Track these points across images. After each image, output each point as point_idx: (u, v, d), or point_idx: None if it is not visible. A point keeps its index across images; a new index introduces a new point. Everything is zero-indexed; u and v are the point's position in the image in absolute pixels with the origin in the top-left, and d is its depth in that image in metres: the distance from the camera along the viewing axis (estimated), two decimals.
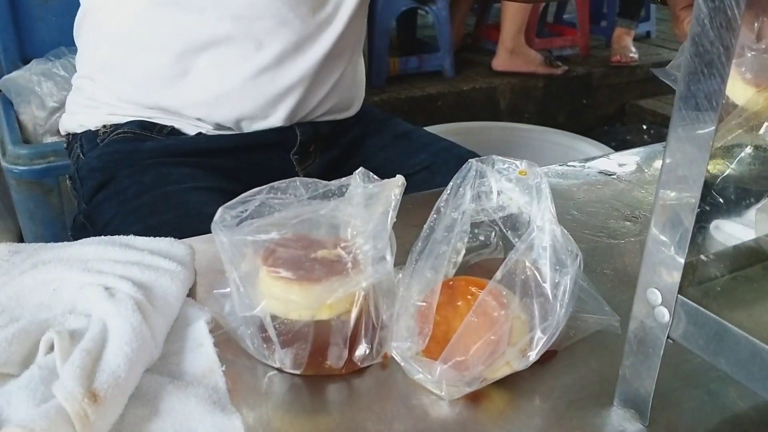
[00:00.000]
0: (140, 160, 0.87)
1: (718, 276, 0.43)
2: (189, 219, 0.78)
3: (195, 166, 0.87)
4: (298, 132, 0.93)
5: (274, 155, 0.93)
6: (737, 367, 0.39)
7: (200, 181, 0.85)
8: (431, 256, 0.50)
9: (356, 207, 0.51)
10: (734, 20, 0.34)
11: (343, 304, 0.49)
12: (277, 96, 0.89)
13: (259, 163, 0.92)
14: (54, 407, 0.40)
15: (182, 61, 0.86)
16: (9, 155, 1.46)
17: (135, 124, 0.90)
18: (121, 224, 0.81)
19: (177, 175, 0.85)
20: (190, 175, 0.86)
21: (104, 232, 0.82)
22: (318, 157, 0.97)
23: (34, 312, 0.50)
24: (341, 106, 0.98)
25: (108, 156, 0.88)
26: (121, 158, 0.87)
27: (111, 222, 0.83)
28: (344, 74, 0.95)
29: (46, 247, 0.57)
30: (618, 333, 0.54)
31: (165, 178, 0.84)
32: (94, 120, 0.92)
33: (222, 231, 0.49)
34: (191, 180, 0.85)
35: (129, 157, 0.87)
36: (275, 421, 0.46)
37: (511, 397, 0.49)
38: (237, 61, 0.87)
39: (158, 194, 0.83)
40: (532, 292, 0.48)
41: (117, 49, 0.90)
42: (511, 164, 0.53)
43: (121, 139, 0.89)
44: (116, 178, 0.86)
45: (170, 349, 0.50)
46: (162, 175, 0.85)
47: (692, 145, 0.38)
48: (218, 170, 0.89)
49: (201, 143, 0.90)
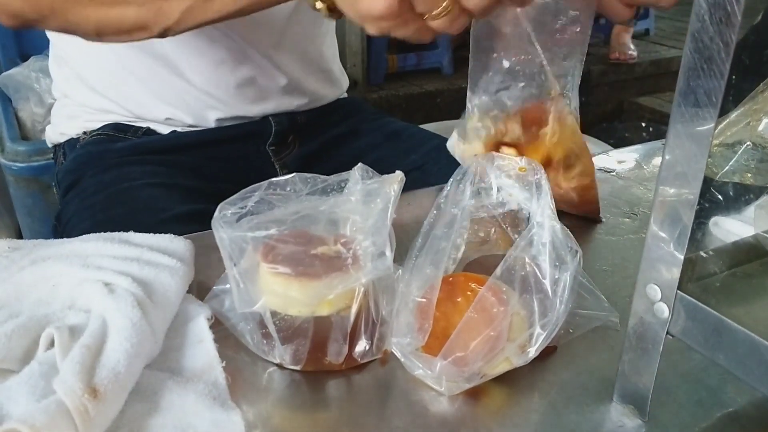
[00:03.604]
0: (108, 160, 0.88)
1: (717, 272, 0.43)
2: (135, 213, 0.79)
3: (159, 164, 0.88)
4: (273, 122, 0.94)
5: (250, 147, 0.94)
6: (736, 363, 0.39)
7: (158, 178, 0.86)
8: (431, 252, 0.50)
9: (355, 203, 0.51)
10: (734, 16, 0.34)
11: (342, 300, 0.50)
12: (241, 82, 0.90)
13: (234, 156, 0.92)
14: (54, 403, 0.40)
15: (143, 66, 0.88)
16: (7, 152, 1.46)
17: (110, 127, 0.92)
18: (77, 221, 0.83)
19: (137, 173, 0.86)
20: (151, 173, 0.87)
21: (65, 230, 0.84)
22: (297, 147, 0.97)
23: (33, 308, 0.50)
24: (315, 94, 0.98)
25: (80, 158, 0.90)
26: (90, 159, 0.89)
27: (70, 220, 0.84)
28: (307, 51, 0.95)
29: (45, 244, 0.57)
30: (617, 329, 0.54)
31: (124, 176, 0.86)
32: (74, 128, 0.94)
33: (222, 227, 0.49)
34: (149, 177, 0.86)
35: (98, 158, 0.89)
36: (275, 417, 0.46)
37: (510, 393, 0.49)
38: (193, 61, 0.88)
39: (113, 191, 0.84)
40: (531, 288, 0.48)
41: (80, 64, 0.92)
42: (510, 161, 0.53)
43: (95, 141, 0.91)
44: (83, 179, 0.87)
45: (170, 345, 0.50)
46: (122, 174, 0.86)
47: (691, 141, 0.38)
48: (184, 167, 0.89)
49: (173, 140, 0.91)
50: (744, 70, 0.59)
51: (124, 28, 0.65)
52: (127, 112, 0.91)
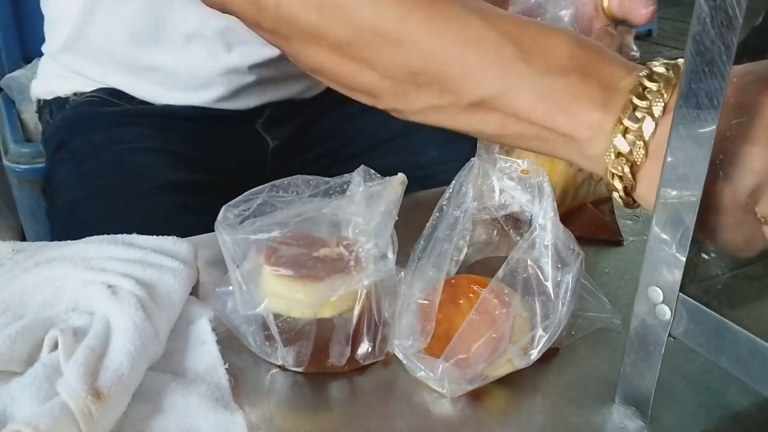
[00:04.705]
0: (99, 121, 0.86)
1: (719, 274, 0.43)
2: (127, 182, 0.77)
3: (151, 126, 0.86)
4: (268, 109, 0.93)
5: (243, 125, 0.93)
6: (738, 365, 0.39)
7: (151, 142, 0.84)
8: (433, 254, 0.50)
9: (358, 205, 0.51)
10: (735, 19, 0.34)
11: (345, 302, 0.50)
12: (250, 85, 0.89)
13: (225, 131, 0.92)
14: (58, 404, 0.40)
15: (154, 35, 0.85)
16: (11, 154, 1.46)
17: (105, 91, 0.89)
18: (68, 188, 0.81)
19: (130, 135, 0.84)
20: (144, 135, 0.84)
21: (56, 194, 0.83)
22: (287, 123, 0.97)
23: (37, 310, 0.50)
24: (314, 87, 0.98)
25: (71, 118, 0.88)
26: (81, 120, 0.87)
27: (61, 185, 0.83)
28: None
29: (49, 246, 0.58)
30: (619, 331, 0.54)
31: (117, 138, 0.84)
32: (64, 89, 0.92)
33: (225, 230, 0.49)
34: (141, 140, 0.83)
35: (89, 120, 0.86)
36: (277, 419, 0.47)
37: (512, 395, 0.49)
38: (208, 58, 0.87)
39: (105, 156, 0.82)
40: (533, 290, 0.48)
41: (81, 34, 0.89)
42: (513, 163, 0.53)
43: (88, 102, 0.89)
44: (74, 139, 0.85)
45: (173, 347, 0.50)
46: (114, 135, 0.84)
47: (693, 143, 0.38)
48: (178, 131, 0.88)
49: (166, 110, 0.89)
50: None
51: (351, 84, 0.53)
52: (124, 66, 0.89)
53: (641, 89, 0.43)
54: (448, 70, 0.48)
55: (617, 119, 0.43)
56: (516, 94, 0.46)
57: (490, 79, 0.47)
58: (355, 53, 0.50)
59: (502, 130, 0.48)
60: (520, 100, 0.46)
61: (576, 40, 0.46)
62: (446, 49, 0.48)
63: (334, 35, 0.50)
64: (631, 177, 0.43)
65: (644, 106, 0.42)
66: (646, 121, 0.42)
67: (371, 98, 0.53)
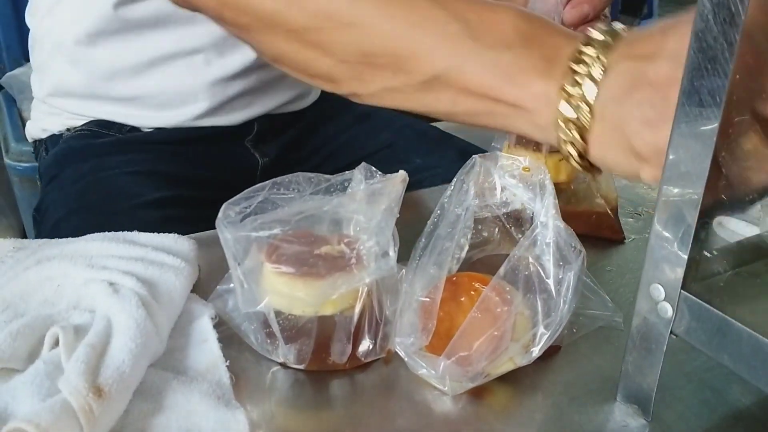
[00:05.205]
0: (88, 152, 0.88)
1: (721, 272, 0.43)
2: (110, 200, 0.79)
3: (139, 152, 0.88)
4: (256, 124, 0.94)
5: (232, 143, 0.95)
6: (740, 363, 0.39)
7: (136, 166, 0.85)
8: (435, 252, 0.50)
9: (359, 203, 0.51)
10: (738, 16, 0.34)
11: (346, 300, 0.50)
12: (235, 97, 0.90)
13: (215, 150, 0.93)
14: (59, 402, 0.40)
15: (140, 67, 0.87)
16: (12, 152, 1.46)
17: (94, 123, 0.91)
18: (53, 210, 0.82)
19: (116, 162, 0.86)
20: (130, 161, 0.86)
21: (43, 220, 0.84)
22: (276, 139, 0.98)
23: (38, 308, 0.50)
24: (299, 98, 0.99)
25: (63, 152, 0.90)
26: (72, 153, 0.89)
27: (48, 209, 0.84)
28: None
29: (50, 243, 0.58)
30: (621, 329, 0.54)
31: (104, 166, 0.85)
32: (57, 125, 0.94)
33: (226, 227, 0.49)
34: (126, 165, 0.85)
35: (80, 151, 0.88)
36: (279, 416, 0.47)
37: (514, 393, 0.49)
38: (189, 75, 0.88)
39: (90, 180, 0.83)
40: (535, 288, 0.48)
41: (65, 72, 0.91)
42: (514, 161, 0.53)
43: (78, 136, 0.91)
44: (63, 171, 0.87)
45: (174, 345, 0.50)
46: (102, 163, 0.86)
47: (695, 141, 0.38)
48: (164, 153, 0.89)
49: (155, 135, 0.91)
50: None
51: (309, 71, 0.55)
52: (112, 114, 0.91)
53: (579, 55, 0.44)
54: (398, 51, 0.49)
55: (560, 87, 0.44)
56: (464, 70, 0.48)
57: (438, 56, 0.48)
58: (311, 38, 0.52)
59: (455, 107, 0.50)
60: (468, 75, 0.47)
61: (521, 14, 0.48)
62: (396, 30, 0.49)
63: (290, 22, 0.51)
64: (582, 141, 0.45)
65: (583, 72, 0.43)
66: (586, 84, 0.43)
67: (330, 84, 0.55)
